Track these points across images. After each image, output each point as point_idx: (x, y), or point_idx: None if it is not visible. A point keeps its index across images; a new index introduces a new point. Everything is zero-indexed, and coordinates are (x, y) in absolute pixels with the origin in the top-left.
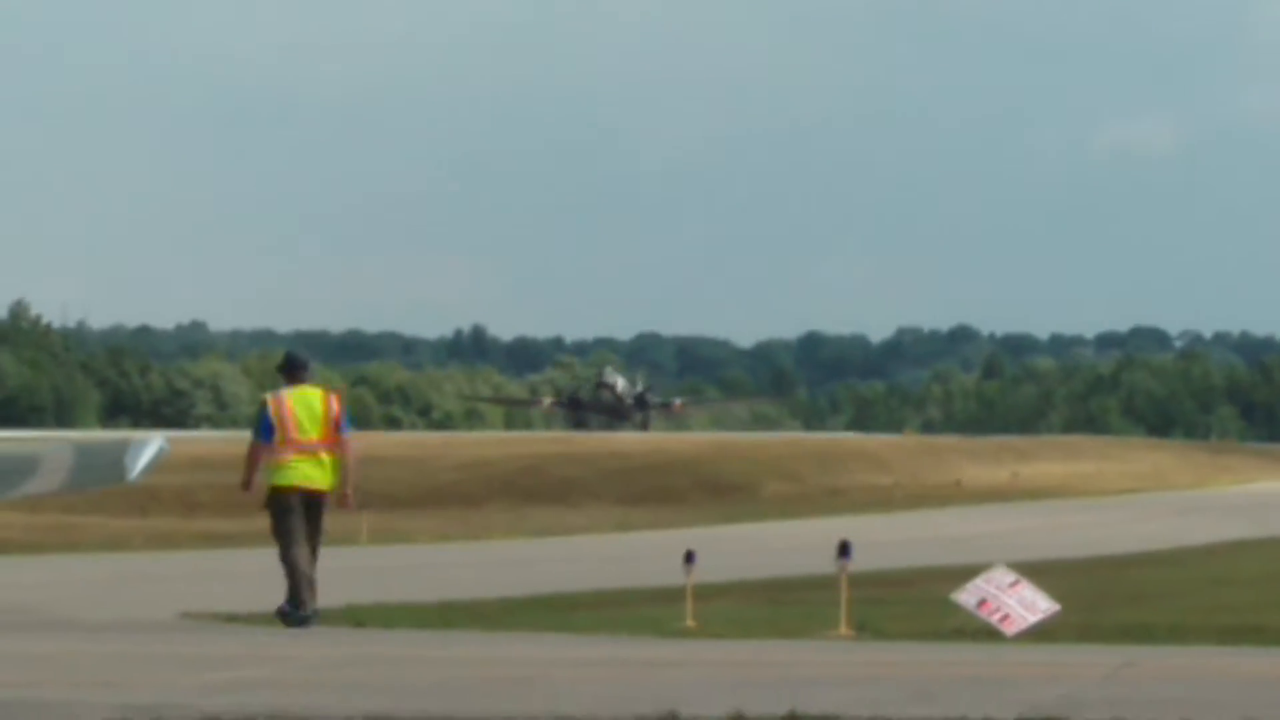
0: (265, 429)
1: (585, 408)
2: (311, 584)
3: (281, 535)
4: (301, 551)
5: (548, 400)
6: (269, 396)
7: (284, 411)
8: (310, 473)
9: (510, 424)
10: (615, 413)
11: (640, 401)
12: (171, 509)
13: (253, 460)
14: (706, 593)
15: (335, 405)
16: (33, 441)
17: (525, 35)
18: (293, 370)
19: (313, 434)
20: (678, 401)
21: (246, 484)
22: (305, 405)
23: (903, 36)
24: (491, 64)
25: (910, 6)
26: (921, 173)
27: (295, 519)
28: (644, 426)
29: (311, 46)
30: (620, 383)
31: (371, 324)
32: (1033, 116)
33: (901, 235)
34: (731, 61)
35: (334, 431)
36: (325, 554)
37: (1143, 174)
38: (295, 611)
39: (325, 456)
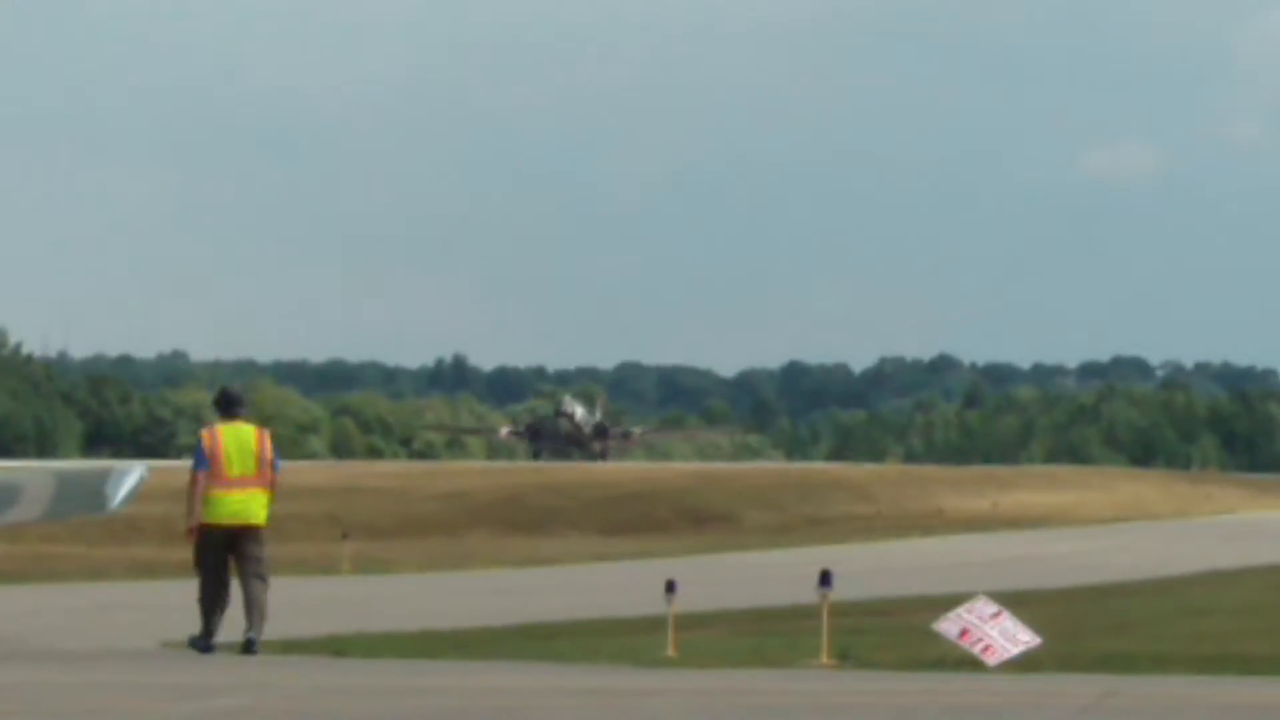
0: (201, 461)
1: (544, 437)
2: (259, 611)
3: (200, 569)
4: (219, 586)
5: (505, 429)
6: (205, 430)
7: (216, 446)
8: (239, 508)
9: (493, 454)
10: (574, 442)
11: (599, 431)
12: (152, 538)
13: (194, 494)
14: (688, 622)
15: (267, 442)
16: (14, 471)
17: (507, 64)
18: (227, 406)
19: (244, 469)
20: (637, 430)
21: (191, 530)
22: (237, 440)
23: (884, 66)
24: (473, 93)
25: (891, 36)
26: (903, 202)
27: (213, 556)
28: (603, 456)
29: (294, 77)
30: (579, 412)
31: (353, 354)
32: (1014, 145)
33: (883, 264)
34: (714, 92)
35: (266, 467)
36: (307, 583)
37: (1124, 203)
38: (203, 642)
39: (256, 491)
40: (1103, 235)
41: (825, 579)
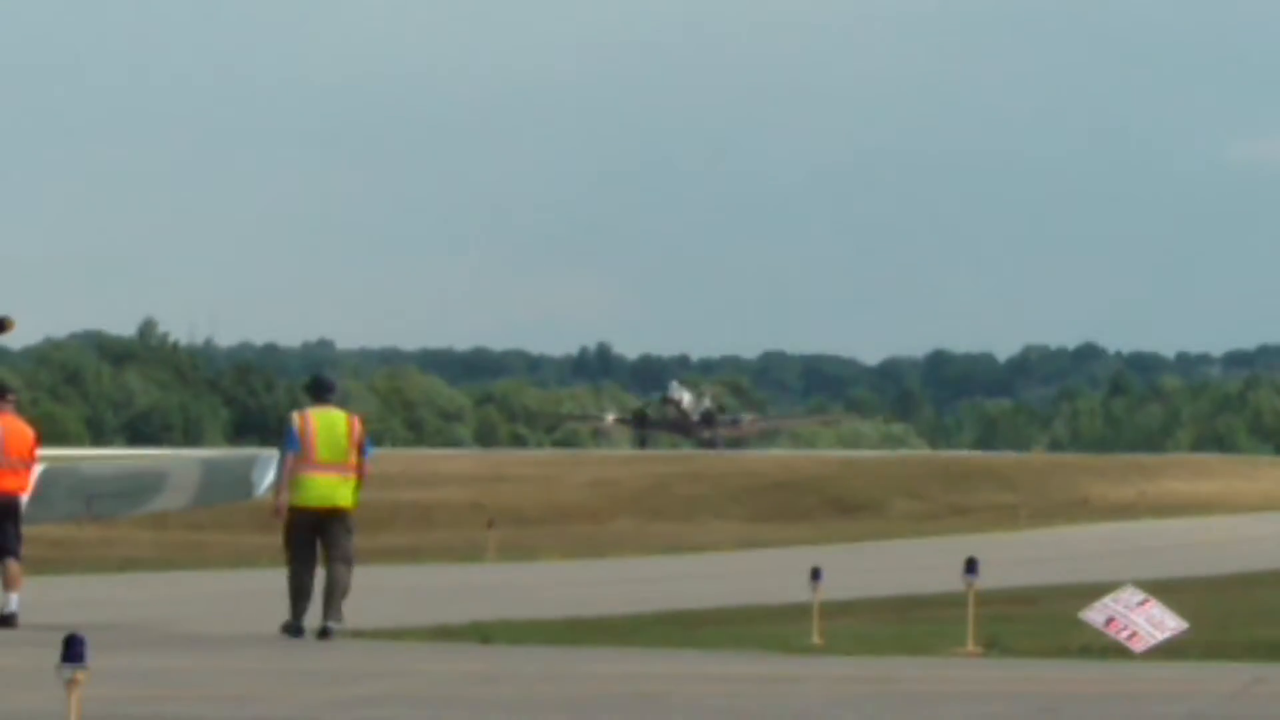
0: (292, 442)
1: (651, 425)
2: (340, 595)
3: (287, 550)
4: (307, 570)
5: (611, 417)
6: (296, 413)
7: (309, 430)
8: (328, 492)
9: (638, 443)
10: (681, 429)
11: (707, 418)
12: None
13: (284, 473)
14: (833, 610)
15: (358, 428)
16: (160, 459)
17: (651, 48)
18: (319, 392)
19: (335, 454)
20: (747, 418)
21: (278, 510)
22: (328, 426)
23: (1028, 52)
24: (618, 79)
25: (1037, 21)
26: (1048, 190)
27: (302, 537)
28: (711, 444)
29: (436, 66)
30: (686, 398)
31: (498, 342)
32: (1160, 134)
33: (1028, 253)
34: (859, 81)
35: (356, 453)
36: (452, 570)
37: (1271, 191)
38: (294, 626)
39: (345, 476)
40: (1249, 224)
41: (971, 566)
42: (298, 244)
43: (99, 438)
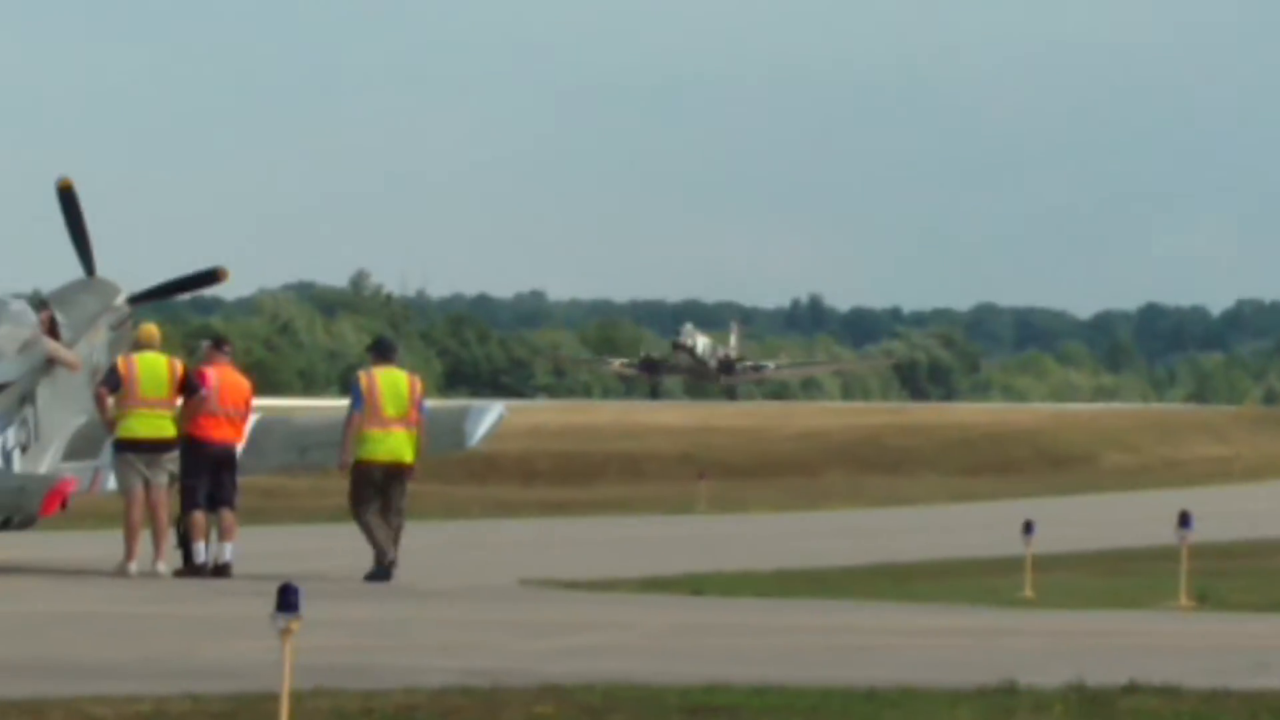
0: (358, 400)
1: (661, 370)
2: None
3: (356, 502)
4: (376, 519)
5: (618, 362)
6: (362, 373)
7: (374, 388)
8: (393, 446)
9: (848, 394)
10: (697, 375)
11: (725, 365)
12: (510, 477)
13: (350, 430)
14: (1045, 563)
15: (418, 387)
16: None
17: (861, 1)
18: (382, 352)
19: (398, 411)
20: (771, 365)
21: (344, 463)
22: (392, 385)
23: (1237, 10)
24: (827, 30)
25: None
26: (1262, 141)
27: (371, 490)
28: (731, 394)
29: (646, 23)
30: (701, 344)
31: (709, 294)
32: None
33: (1242, 204)
34: (1071, 26)
35: (416, 411)
36: (663, 522)
37: None
38: (381, 569)
39: (407, 432)
40: None
41: (1185, 520)
42: (510, 195)
43: (311, 389)
